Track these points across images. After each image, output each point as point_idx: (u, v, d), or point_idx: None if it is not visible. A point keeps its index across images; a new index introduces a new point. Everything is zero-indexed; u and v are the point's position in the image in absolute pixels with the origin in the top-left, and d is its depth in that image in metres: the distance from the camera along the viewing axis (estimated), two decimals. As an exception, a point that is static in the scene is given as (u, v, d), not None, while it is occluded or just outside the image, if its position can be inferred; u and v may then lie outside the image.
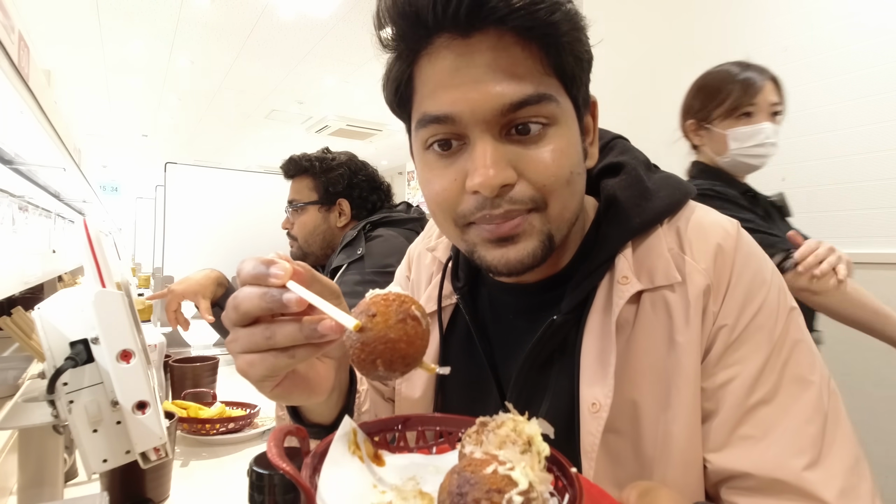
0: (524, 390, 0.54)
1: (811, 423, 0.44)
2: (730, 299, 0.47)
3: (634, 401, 0.48)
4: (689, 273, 0.48)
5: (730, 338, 0.47)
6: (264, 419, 0.98)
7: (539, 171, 0.45)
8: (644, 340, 0.49)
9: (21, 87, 0.67)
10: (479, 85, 0.43)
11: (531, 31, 0.43)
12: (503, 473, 0.24)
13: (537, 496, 0.24)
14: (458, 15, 0.41)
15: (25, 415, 0.53)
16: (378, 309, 0.30)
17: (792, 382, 0.46)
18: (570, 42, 0.44)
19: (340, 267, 1.27)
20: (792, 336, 0.47)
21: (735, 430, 0.45)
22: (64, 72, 5.62)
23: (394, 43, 0.47)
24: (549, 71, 0.45)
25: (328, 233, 1.40)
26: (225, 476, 0.79)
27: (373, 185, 1.44)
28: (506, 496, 0.23)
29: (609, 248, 0.51)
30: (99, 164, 10.99)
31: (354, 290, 1.22)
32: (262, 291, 0.35)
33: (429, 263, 0.67)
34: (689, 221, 0.52)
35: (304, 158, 1.41)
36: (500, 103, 0.43)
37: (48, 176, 1.24)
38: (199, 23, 4.45)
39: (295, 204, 1.41)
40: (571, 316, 0.51)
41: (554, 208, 0.46)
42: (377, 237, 1.29)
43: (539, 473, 0.27)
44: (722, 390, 0.46)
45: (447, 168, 0.47)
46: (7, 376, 0.95)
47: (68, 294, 0.53)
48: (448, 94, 0.44)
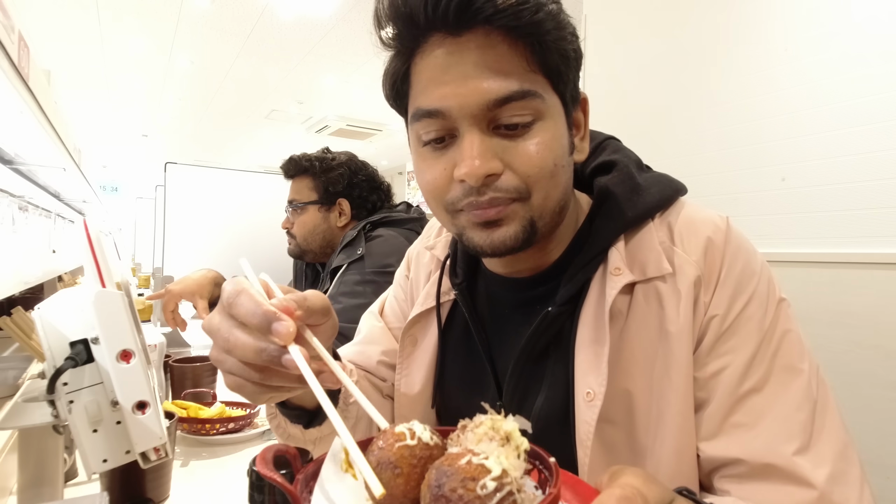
0: (520, 382, 0.55)
1: (801, 410, 0.45)
2: (720, 290, 0.49)
3: (628, 390, 0.50)
4: (680, 265, 0.50)
5: (721, 328, 0.48)
6: (264, 419, 0.98)
7: (523, 163, 0.47)
8: (637, 331, 0.50)
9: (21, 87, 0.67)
10: (468, 81, 0.45)
11: (517, 31, 0.45)
12: (477, 463, 0.26)
13: (511, 481, 0.25)
14: (448, 15, 0.44)
15: (25, 415, 0.53)
16: (403, 466, 0.28)
17: (782, 371, 0.47)
18: (555, 40, 0.47)
19: (341, 267, 1.27)
20: (781, 326, 0.49)
21: (727, 418, 0.47)
22: (64, 72, 5.62)
23: (392, 42, 0.50)
24: (535, 68, 0.47)
25: (328, 232, 1.40)
26: (225, 476, 0.79)
27: (373, 185, 1.44)
28: (479, 482, 0.25)
29: (602, 241, 0.53)
30: (99, 164, 10.98)
31: (354, 289, 1.22)
32: (259, 348, 0.35)
33: (427, 262, 0.69)
34: (679, 216, 0.54)
35: (304, 158, 1.41)
36: (486, 98, 0.45)
37: (48, 176, 1.24)
38: (199, 23, 4.45)
39: (295, 204, 1.41)
40: (566, 308, 0.53)
41: (537, 198, 0.48)
42: (377, 237, 1.29)
43: (513, 461, 0.27)
44: (714, 380, 0.48)
45: (438, 159, 0.49)
46: (7, 376, 0.95)
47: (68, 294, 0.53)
48: (439, 90, 0.47)
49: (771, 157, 1.70)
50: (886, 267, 1.43)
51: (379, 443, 0.29)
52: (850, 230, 1.52)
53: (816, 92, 1.59)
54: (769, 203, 1.68)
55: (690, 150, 1.89)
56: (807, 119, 1.61)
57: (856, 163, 1.51)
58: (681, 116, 1.92)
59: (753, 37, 1.75)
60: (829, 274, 1.53)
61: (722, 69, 1.83)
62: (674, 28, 1.96)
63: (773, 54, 1.70)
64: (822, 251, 1.55)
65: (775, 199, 1.68)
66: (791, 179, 1.65)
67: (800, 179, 1.63)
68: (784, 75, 1.67)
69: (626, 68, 2.09)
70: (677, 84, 1.94)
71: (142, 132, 8.48)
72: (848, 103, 1.53)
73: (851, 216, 1.52)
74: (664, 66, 1.98)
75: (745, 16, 1.78)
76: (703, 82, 1.88)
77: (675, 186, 0.56)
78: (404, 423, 0.30)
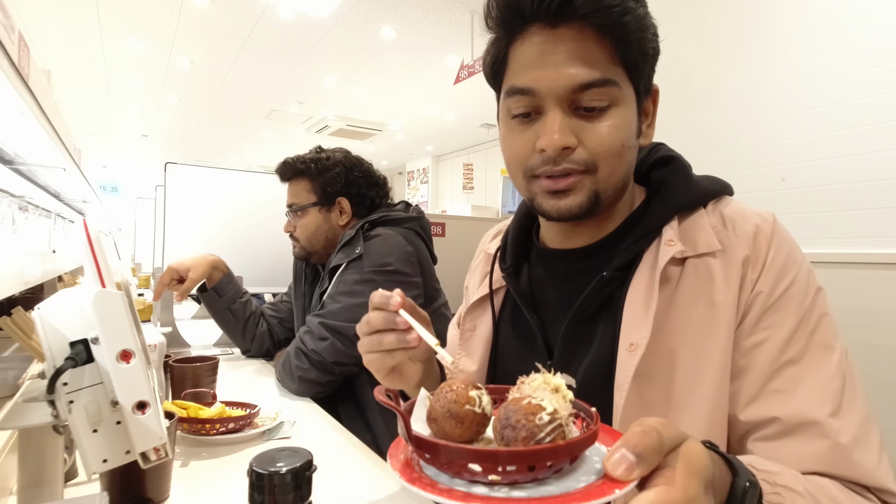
0: (570, 344, 0.62)
1: (834, 380, 0.50)
2: (767, 271, 0.54)
3: (672, 350, 0.54)
4: (730, 245, 0.56)
5: (766, 304, 0.53)
6: (264, 419, 0.98)
7: (595, 141, 0.55)
8: (686, 299, 0.55)
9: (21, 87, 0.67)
10: (559, 67, 0.53)
11: (605, 28, 0.52)
12: (535, 403, 0.34)
13: (561, 417, 0.34)
14: (550, 9, 0.52)
15: (25, 415, 0.53)
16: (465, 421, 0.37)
17: (818, 347, 0.52)
18: (637, 39, 0.54)
19: (339, 266, 1.27)
20: (819, 309, 0.54)
21: (766, 384, 0.52)
22: (64, 72, 5.62)
23: (496, 27, 0.58)
24: (617, 61, 0.54)
25: (330, 232, 1.40)
26: (225, 476, 0.79)
27: (370, 181, 1.43)
28: (538, 416, 0.34)
29: (657, 219, 0.59)
30: (99, 164, 10.99)
31: (353, 288, 1.22)
32: (384, 315, 0.55)
33: (482, 261, 0.79)
34: (730, 207, 0.60)
35: (298, 161, 1.40)
36: (573, 83, 0.53)
37: (48, 176, 1.24)
38: (199, 23, 4.45)
39: (295, 207, 1.41)
40: (619, 274, 0.59)
41: (603, 172, 0.56)
42: (375, 236, 1.29)
43: (562, 404, 0.36)
44: (756, 349, 0.53)
45: (524, 132, 0.58)
46: (7, 376, 0.95)
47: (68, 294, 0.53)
48: (533, 72, 0.55)
49: (771, 157, 1.70)
50: (886, 267, 1.43)
51: (450, 394, 0.38)
52: (850, 230, 1.52)
53: (816, 92, 1.59)
54: (769, 203, 1.68)
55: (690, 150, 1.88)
56: (807, 119, 1.61)
57: (856, 163, 1.51)
58: (681, 116, 1.93)
59: (753, 37, 1.75)
60: (830, 274, 1.53)
61: (722, 69, 1.83)
62: (674, 28, 1.96)
63: (773, 54, 1.70)
64: (822, 251, 1.55)
65: (775, 199, 1.68)
66: (791, 179, 1.65)
67: (800, 179, 1.63)
68: (784, 75, 1.67)
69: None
70: (677, 84, 1.94)
71: (142, 132, 8.48)
72: (848, 103, 1.53)
73: (851, 216, 1.52)
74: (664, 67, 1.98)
75: (745, 16, 1.78)
76: (703, 82, 1.88)
77: (725, 185, 0.64)
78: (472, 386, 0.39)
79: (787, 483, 0.41)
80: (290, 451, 0.45)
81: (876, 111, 1.47)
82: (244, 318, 1.50)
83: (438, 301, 1.37)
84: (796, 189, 1.64)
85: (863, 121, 1.49)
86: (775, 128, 1.68)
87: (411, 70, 5.40)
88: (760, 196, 1.71)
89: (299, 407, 1.13)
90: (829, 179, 1.57)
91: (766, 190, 1.71)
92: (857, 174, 1.51)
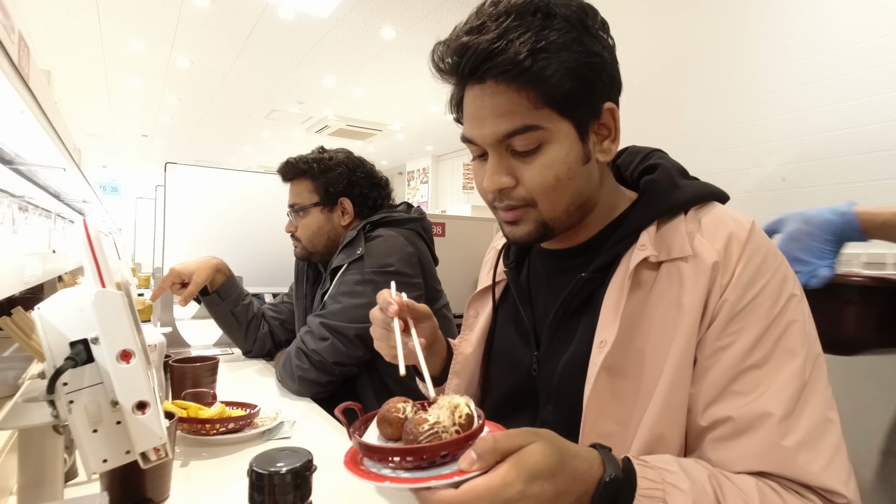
0: (554, 337, 0.68)
1: (790, 385, 0.53)
2: (737, 279, 0.56)
3: (642, 348, 0.58)
4: (701, 251, 0.58)
5: (733, 311, 0.56)
6: (264, 419, 0.98)
7: (529, 180, 0.60)
8: (657, 301, 0.59)
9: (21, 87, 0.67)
10: (485, 120, 0.59)
11: (520, 79, 0.56)
12: (423, 417, 0.48)
13: (440, 426, 0.46)
14: (465, 73, 0.58)
15: (25, 415, 0.53)
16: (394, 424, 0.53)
17: (782, 353, 0.54)
18: (560, 79, 0.56)
19: (341, 267, 1.27)
20: (789, 317, 0.56)
21: (728, 386, 0.54)
22: (64, 72, 5.62)
23: (448, 80, 0.64)
24: (540, 105, 0.57)
25: (332, 232, 1.40)
26: (225, 476, 0.79)
27: (372, 182, 1.43)
28: (421, 426, 0.47)
29: (636, 224, 0.63)
30: (99, 164, 10.99)
31: (354, 289, 1.22)
32: (383, 317, 0.67)
33: (491, 257, 0.85)
34: (709, 214, 0.62)
35: (301, 161, 1.40)
36: (497, 133, 0.59)
37: (48, 176, 1.24)
38: (199, 23, 4.45)
39: (297, 207, 1.40)
40: (597, 275, 0.63)
41: (543, 206, 0.62)
42: (377, 237, 1.29)
43: (447, 418, 0.47)
44: (721, 353, 0.55)
45: (479, 169, 0.65)
46: (7, 376, 0.95)
47: (68, 294, 0.53)
48: (470, 125, 0.62)
49: (771, 157, 1.70)
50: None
51: (387, 406, 0.54)
52: (850, 230, 1.52)
53: (816, 92, 1.59)
54: (769, 203, 1.68)
55: (691, 150, 1.89)
56: (807, 119, 1.61)
57: (856, 163, 1.51)
58: (680, 117, 1.92)
59: (753, 37, 1.75)
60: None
61: (722, 69, 1.83)
62: (673, 29, 1.96)
63: (773, 54, 1.70)
64: (822, 251, 1.55)
65: (775, 199, 1.68)
66: (791, 179, 1.65)
67: (800, 179, 1.63)
68: (784, 75, 1.67)
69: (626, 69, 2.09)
70: (677, 84, 1.94)
71: (142, 132, 8.48)
72: (848, 103, 1.53)
73: (851, 216, 1.52)
74: (664, 67, 1.98)
75: (746, 16, 1.78)
76: (703, 82, 1.88)
77: (712, 191, 0.65)
78: (401, 400, 0.54)
79: (674, 481, 0.47)
80: (290, 451, 0.45)
81: (876, 111, 1.47)
82: (246, 320, 1.50)
83: (440, 302, 1.37)
84: (796, 189, 1.64)
85: (863, 121, 1.49)
86: (775, 128, 1.68)
87: (411, 70, 5.40)
88: (760, 196, 1.71)
89: (299, 407, 1.13)
90: (829, 179, 1.56)
91: (766, 190, 1.71)
92: (857, 174, 1.51)
